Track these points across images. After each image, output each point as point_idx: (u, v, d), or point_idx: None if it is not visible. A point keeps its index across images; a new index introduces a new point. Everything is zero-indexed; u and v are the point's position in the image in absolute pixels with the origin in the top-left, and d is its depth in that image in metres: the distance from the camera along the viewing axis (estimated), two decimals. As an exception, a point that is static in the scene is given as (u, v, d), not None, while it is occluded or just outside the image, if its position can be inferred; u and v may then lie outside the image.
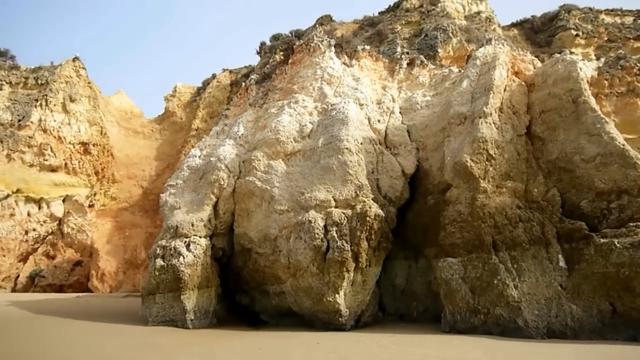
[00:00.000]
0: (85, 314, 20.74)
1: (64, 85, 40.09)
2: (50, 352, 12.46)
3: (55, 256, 40.03)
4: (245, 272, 18.24)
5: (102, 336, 15.36)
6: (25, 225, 38.20)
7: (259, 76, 25.26)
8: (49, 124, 38.49)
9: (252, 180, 18.17)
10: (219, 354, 11.86)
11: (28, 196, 38.30)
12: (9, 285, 38.10)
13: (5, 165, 36.88)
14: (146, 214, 40.37)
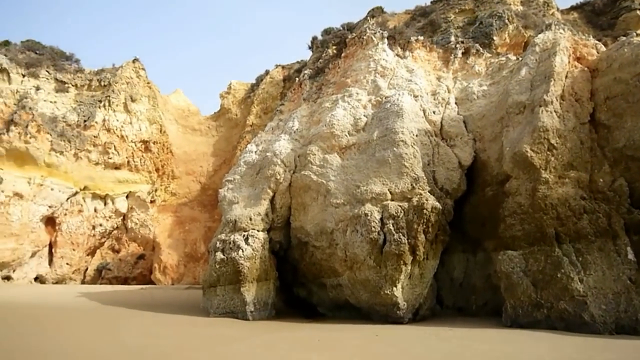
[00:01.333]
0: (150, 305, 21.40)
1: (125, 86, 41.28)
2: (123, 341, 12.91)
3: (120, 250, 41.52)
4: (302, 265, 18.39)
5: (168, 326, 15.83)
6: (92, 221, 39.75)
7: (312, 71, 25.32)
8: (112, 124, 39.80)
9: (307, 175, 18.26)
10: (279, 345, 12.01)
11: (94, 193, 39.84)
12: (79, 277, 39.75)
13: (73, 164, 38.43)
14: (205, 208, 41.18)
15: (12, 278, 35.77)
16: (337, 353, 10.77)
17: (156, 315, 18.57)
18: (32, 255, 36.93)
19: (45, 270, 38.29)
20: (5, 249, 33.93)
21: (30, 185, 36.21)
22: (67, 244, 38.86)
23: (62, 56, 43.12)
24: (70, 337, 13.89)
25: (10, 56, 39.65)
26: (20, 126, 36.10)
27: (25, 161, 36.42)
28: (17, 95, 37.97)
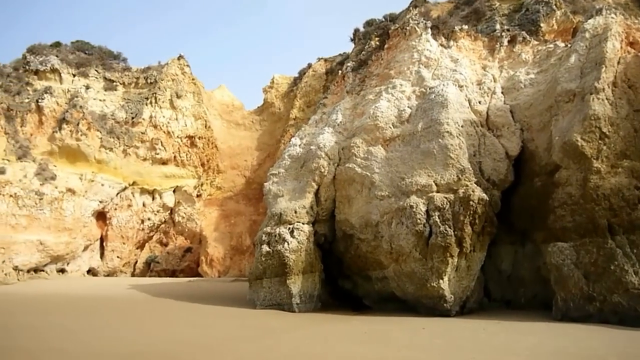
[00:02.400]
0: (198, 297, 21.79)
1: (171, 82, 41.96)
2: (173, 332, 13.20)
3: (167, 243, 42.30)
4: (348, 257, 18.41)
5: (216, 318, 16.11)
6: (141, 215, 40.70)
7: (355, 63, 25.20)
8: (159, 120, 40.57)
9: (352, 167, 18.24)
10: (326, 337, 12.08)
11: (143, 188, 40.78)
12: (129, 270, 40.78)
13: (122, 160, 39.40)
14: (249, 202, 41.55)
15: (66, 271, 36.96)
16: (385, 346, 10.76)
17: (204, 307, 18.91)
18: (85, 248, 38.07)
19: (97, 263, 39.43)
20: (59, 243, 35.05)
21: (82, 181, 37.28)
22: (118, 237, 39.90)
23: (110, 55, 44.15)
24: (125, 327, 14.27)
25: (61, 57, 40.84)
26: (71, 124, 37.18)
27: (77, 158, 37.53)
28: (68, 95, 39.10)
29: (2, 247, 31.87)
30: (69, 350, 10.72)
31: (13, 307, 19.73)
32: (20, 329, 14.06)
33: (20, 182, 33.72)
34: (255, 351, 10.44)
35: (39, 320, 15.70)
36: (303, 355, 9.88)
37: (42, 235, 34.08)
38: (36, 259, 33.95)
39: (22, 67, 40.07)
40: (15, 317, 16.47)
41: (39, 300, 21.97)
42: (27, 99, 38.37)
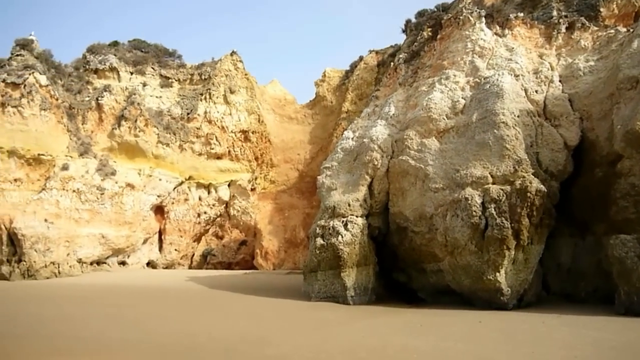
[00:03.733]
0: (253, 289, 22.16)
1: (224, 78, 42.63)
2: (230, 322, 13.49)
3: (223, 236, 43.06)
4: (402, 250, 18.35)
5: (271, 310, 16.37)
6: (197, 209, 41.64)
7: (407, 55, 24.99)
8: (213, 115, 41.33)
9: (405, 160, 18.15)
10: (381, 330, 12.11)
11: (199, 182, 41.70)
12: (186, 262, 41.78)
13: (179, 155, 40.40)
14: (303, 195, 41.80)
15: (127, 263, 38.17)
16: (441, 338, 10.71)
17: (260, 299, 19.22)
18: (144, 242, 39.22)
19: (156, 256, 40.56)
20: (120, 236, 36.22)
21: (140, 176, 38.39)
22: (175, 231, 40.92)
23: (165, 53, 45.19)
24: (184, 318, 14.67)
25: (119, 55, 42.11)
26: (130, 121, 38.31)
27: (135, 154, 38.69)
28: (126, 92, 40.29)
29: (66, 240, 33.16)
30: (132, 339, 11.12)
31: (78, 298, 20.54)
32: (84, 319, 14.66)
33: (83, 178, 34.99)
34: (311, 343, 10.57)
35: (102, 311, 16.31)
36: (359, 347, 9.94)
37: (104, 229, 35.31)
38: (98, 252, 35.19)
39: (83, 66, 41.55)
40: (80, 308, 17.15)
41: (101, 292, 22.78)
42: (88, 97, 39.75)
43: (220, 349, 10.04)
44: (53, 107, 35.79)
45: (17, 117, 34.30)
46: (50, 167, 34.56)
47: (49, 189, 33.57)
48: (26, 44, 38.15)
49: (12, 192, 33.29)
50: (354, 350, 9.73)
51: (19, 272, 31.00)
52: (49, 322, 13.92)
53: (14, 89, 34.61)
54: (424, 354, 9.30)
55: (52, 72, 38.80)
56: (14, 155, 33.66)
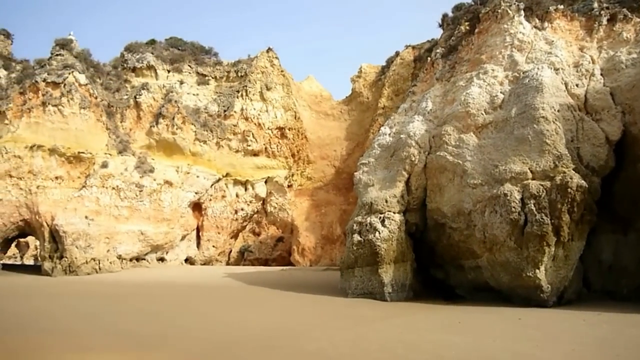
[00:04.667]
0: (291, 286, 22.30)
1: (260, 75, 42.86)
2: (268, 318, 13.63)
3: (260, 233, 43.42)
4: (439, 246, 18.27)
5: (309, 306, 16.47)
6: (234, 206, 42.03)
7: (444, 49, 24.76)
8: (250, 112, 41.61)
9: (443, 155, 18.03)
10: (419, 326, 12.08)
11: (236, 179, 42.08)
12: (224, 259, 42.23)
13: (216, 152, 40.84)
14: (339, 192, 41.83)
15: (166, 259, 38.77)
16: (480, 336, 10.64)
17: (297, 295, 19.35)
18: (182, 238, 39.77)
19: (194, 252, 41.10)
20: (158, 233, 36.80)
21: (178, 174, 38.93)
22: (213, 227, 41.40)
23: (202, 51, 45.67)
24: (222, 314, 14.87)
25: (156, 54, 42.72)
26: (167, 118, 38.89)
27: (173, 151, 39.27)
28: (163, 90, 40.87)
29: (106, 237, 33.84)
30: (171, 334, 11.33)
31: (118, 293, 20.98)
32: (125, 314, 14.97)
33: (122, 175, 35.65)
34: (349, 339, 10.61)
35: (141, 307, 16.64)
36: (397, 344, 9.94)
37: (143, 226, 35.91)
38: (138, 249, 35.83)
39: (121, 65, 42.35)
40: (120, 303, 17.53)
41: (141, 288, 23.22)
42: (126, 95, 40.49)
43: (259, 344, 10.17)
44: (92, 106, 36.55)
45: (58, 116, 35.15)
46: (90, 164, 35.30)
47: (89, 187, 34.30)
48: (65, 44, 39.02)
49: (54, 189, 34.13)
50: (392, 346, 9.74)
51: (61, 269, 31.80)
52: (90, 317, 14.27)
53: (54, 88, 35.46)
54: (463, 351, 9.26)
55: (91, 71, 39.62)
56: (55, 153, 34.52)
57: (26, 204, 33.57)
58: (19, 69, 39.22)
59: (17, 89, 36.32)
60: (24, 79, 36.94)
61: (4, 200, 33.28)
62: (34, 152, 34.23)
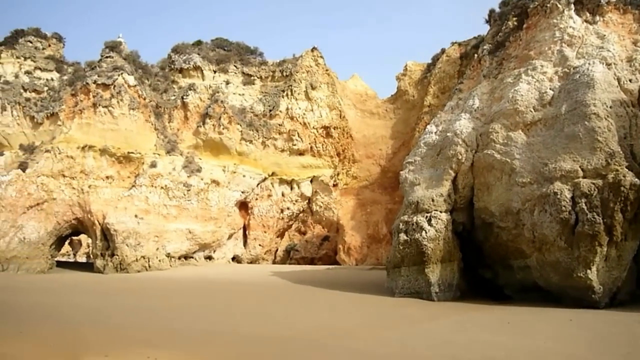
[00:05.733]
0: (337, 284, 22.35)
1: (305, 74, 42.94)
2: (315, 317, 13.72)
3: (305, 232, 43.61)
4: (487, 246, 18.03)
5: (355, 305, 16.50)
6: (280, 205, 42.29)
7: (491, 46, 24.40)
8: (295, 112, 41.76)
9: (490, 154, 17.77)
10: (467, 326, 11.97)
11: (281, 178, 42.33)
12: (270, 257, 42.57)
13: (261, 151, 41.20)
14: (385, 191, 41.63)
15: (213, 258, 39.33)
16: (530, 337, 10.47)
17: (343, 294, 19.38)
18: (229, 237, 40.27)
19: (241, 251, 41.57)
20: (206, 232, 37.37)
21: (224, 173, 39.45)
22: (259, 226, 41.78)
23: (247, 51, 46.07)
24: (269, 311, 15.04)
25: (202, 54, 43.37)
26: (214, 118, 39.45)
27: (219, 151, 39.84)
28: (210, 90, 41.49)
29: (155, 235, 34.58)
30: (220, 331, 11.54)
31: (168, 290, 21.45)
32: (174, 310, 15.30)
33: (170, 175, 36.36)
34: (396, 338, 10.60)
35: (191, 303, 16.96)
36: (445, 343, 9.88)
37: (191, 225, 36.53)
38: (186, 247, 36.47)
39: (168, 66, 43.17)
40: (171, 300, 17.91)
41: (190, 285, 23.66)
42: (173, 96, 41.29)
43: (306, 342, 10.24)
44: (141, 107, 37.44)
45: (108, 117, 36.15)
46: (139, 164, 36.17)
47: (138, 186, 35.13)
48: (115, 46, 40.09)
49: (105, 189, 35.12)
50: (440, 346, 9.68)
51: (112, 266, 32.70)
52: (141, 313, 14.64)
53: (104, 90, 36.49)
54: (512, 351, 9.13)
55: (140, 73, 40.59)
56: (105, 153, 35.54)
57: (79, 203, 34.66)
58: (70, 71, 40.59)
59: (69, 91, 37.64)
60: (75, 81, 38.21)
61: (57, 200, 34.44)
62: (86, 152, 35.33)
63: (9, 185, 33.59)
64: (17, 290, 21.58)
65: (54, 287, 23.52)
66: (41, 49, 41.75)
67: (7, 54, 40.17)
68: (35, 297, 18.87)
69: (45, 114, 37.64)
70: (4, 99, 37.43)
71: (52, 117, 37.62)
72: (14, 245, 33.06)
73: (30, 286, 23.60)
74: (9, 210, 33.33)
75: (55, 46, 43.07)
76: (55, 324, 12.62)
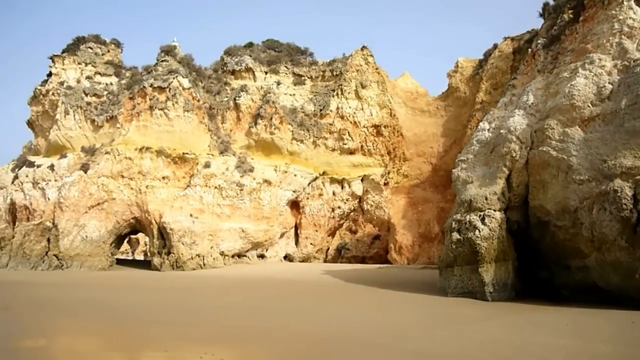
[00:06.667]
0: (388, 284, 22.25)
1: (355, 73, 42.92)
2: (366, 316, 13.69)
3: (356, 231, 43.54)
4: (543, 245, 17.58)
5: (408, 304, 16.39)
6: (331, 204, 42.39)
7: (546, 40, 23.75)
8: (345, 111, 41.79)
9: (546, 150, 17.30)
10: (523, 327, 11.71)
11: (332, 177, 42.43)
12: (321, 256, 42.73)
13: (312, 151, 41.45)
14: (436, 189, 41.18)
15: (266, 256, 39.79)
16: (590, 339, 10.15)
17: (395, 294, 19.28)
18: (281, 236, 40.66)
19: (293, 249, 41.89)
20: (258, 231, 37.84)
21: (276, 173, 39.84)
22: (310, 225, 41.99)
23: (297, 51, 46.40)
24: (320, 309, 15.08)
25: (254, 56, 43.99)
26: (265, 119, 39.94)
27: (271, 150, 40.30)
28: (261, 91, 42.06)
29: (210, 234, 35.27)
30: (272, 329, 11.66)
31: (222, 288, 21.80)
32: (228, 308, 15.53)
33: (223, 175, 37.04)
34: (450, 338, 10.45)
35: (245, 302, 17.18)
36: (500, 344, 9.68)
37: (243, 224, 37.09)
38: (239, 245, 37.04)
39: (221, 68, 44.05)
40: (225, 298, 18.18)
41: (243, 284, 23.99)
42: (226, 97, 42.09)
43: (359, 341, 10.22)
44: (195, 108, 38.32)
45: (164, 119, 37.16)
46: (193, 165, 37.02)
47: (193, 186, 35.93)
48: (170, 50, 41.18)
49: (161, 189, 36.15)
50: (495, 347, 9.49)
51: (168, 264, 33.56)
52: (196, 310, 14.95)
53: (160, 93, 37.60)
54: (572, 354, 8.86)
55: (194, 75, 41.59)
56: (161, 154, 36.53)
57: (137, 203, 35.79)
58: (128, 75, 41.98)
59: (127, 94, 39.00)
60: (133, 84, 39.52)
61: (117, 200, 35.67)
62: (143, 153, 36.41)
63: (72, 186, 35.05)
64: (81, 287, 22.51)
65: (115, 284, 24.35)
66: (101, 54, 43.41)
67: (69, 60, 41.99)
68: (98, 293, 19.61)
69: (105, 117, 39.22)
70: (67, 103, 39.20)
71: (111, 120, 39.11)
72: (77, 244, 34.51)
73: (93, 283, 24.55)
74: (72, 210, 34.84)
75: (113, 51, 44.67)
76: (116, 320, 13.13)
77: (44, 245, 34.95)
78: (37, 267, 33.79)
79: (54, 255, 34.39)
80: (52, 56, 42.40)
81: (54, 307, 15.58)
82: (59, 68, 42.05)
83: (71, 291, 20.51)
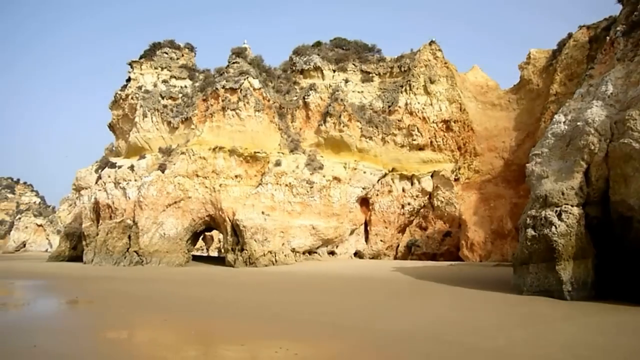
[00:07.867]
0: (460, 281, 21.92)
1: (424, 69, 42.46)
2: (440, 313, 13.55)
3: (427, 227, 43.02)
4: (626, 242, 16.82)
5: (481, 302, 16.13)
6: (401, 200, 42.18)
7: (625, 27, 22.70)
8: (414, 107, 41.44)
9: (628, 143, 16.52)
10: (605, 328, 11.28)
11: (401, 174, 42.22)
12: (391, 253, 42.56)
13: (381, 147, 41.41)
14: (509, 184, 40.14)
15: (336, 253, 40.04)
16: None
17: (467, 291, 18.96)
18: (351, 232, 40.80)
19: (363, 246, 41.94)
20: (328, 227, 38.11)
21: (345, 170, 39.98)
22: (380, 222, 41.92)
23: (365, 48, 46.43)
24: (391, 306, 15.05)
25: (322, 55, 44.34)
26: (334, 117, 40.11)
27: (340, 148, 40.46)
28: (329, 89, 42.31)
29: (281, 231, 35.81)
30: (344, 325, 11.72)
31: (294, 284, 22.08)
32: (300, 304, 15.74)
33: (294, 173, 37.50)
34: (528, 337, 10.20)
35: (316, 298, 17.35)
36: (582, 345, 9.36)
37: (314, 221, 37.45)
38: (310, 242, 37.42)
39: (290, 68, 44.70)
40: (297, 294, 18.40)
41: (315, 280, 24.22)
42: (295, 96, 42.63)
43: (430, 338, 10.15)
44: (265, 108, 39.05)
45: (236, 119, 38.06)
46: (265, 163, 37.69)
47: (264, 184, 36.59)
48: (240, 52, 42.14)
49: (234, 187, 37.06)
50: (576, 347, 9.19)
51: (242, 260, 34.31)
52: (269, 306, 15.24)
53: (232, 94, 38.57)
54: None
55: (264, 76, 42.41)
56: (234, 154, 37.41)
57: (211, 201, 36.90)
58: (201, 78, 43.38)
59: (201, 96, 40.37)
60: (206, 87, 40.81)
61: (192, 198, 36.93)
62: (216, 153, 37.49)
63: (150, 185, 36.59)
64: (161, 281, 23.46)
65: (192, 279, 25.18)
66: (175, 58, 45.05)
67: (147, 65, 43.86)
68: (176, 288, 20.33)
69: (180, 119, 40.72)
70: (145, 106, 40.94)
71: (186, 122, 40.54)
72: (155, 240, 36.00)
73: (171, 278, 25.49)
74: (151, 208, 36.40)
75: (187, 55, 46.20)
76: (194, 314, 13.64)
77: (125, 242, 36.79)
78: (119, 263, 35.60)
79: (134, 251, 36.13)
80: (130, 62, 44.42)
81: (135, 301, 16.31)
82: (137, 73, 43.97)
83: (151, 286, 21.40)
